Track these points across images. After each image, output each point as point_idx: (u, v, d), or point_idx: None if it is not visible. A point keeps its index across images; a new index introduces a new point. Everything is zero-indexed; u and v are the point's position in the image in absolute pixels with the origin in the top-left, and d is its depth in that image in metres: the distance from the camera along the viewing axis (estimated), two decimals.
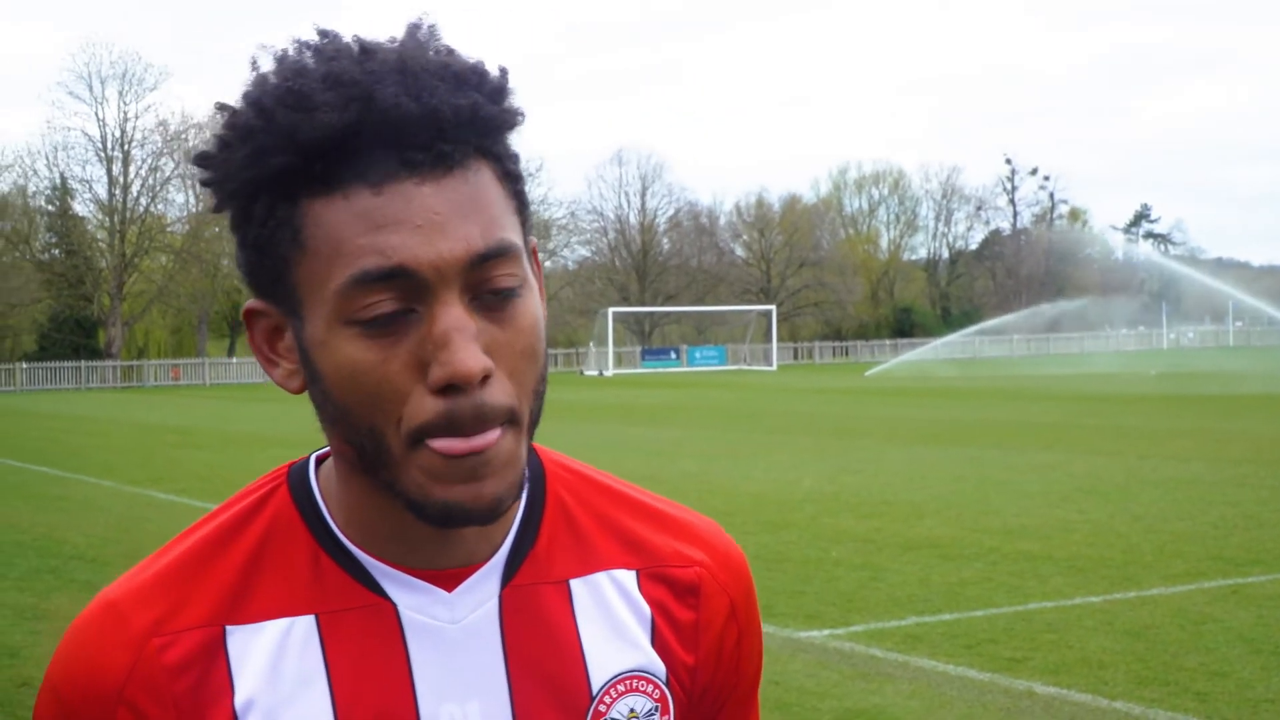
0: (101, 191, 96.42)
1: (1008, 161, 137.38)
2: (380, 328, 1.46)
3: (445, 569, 1.61)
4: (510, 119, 1.54)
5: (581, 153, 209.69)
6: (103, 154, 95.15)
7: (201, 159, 1.53)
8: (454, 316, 1.45)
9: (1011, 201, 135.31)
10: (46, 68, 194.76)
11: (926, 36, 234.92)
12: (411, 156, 1.45)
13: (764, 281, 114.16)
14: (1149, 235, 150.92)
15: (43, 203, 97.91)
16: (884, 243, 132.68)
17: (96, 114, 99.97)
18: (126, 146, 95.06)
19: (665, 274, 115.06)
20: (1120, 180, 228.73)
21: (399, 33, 1.55)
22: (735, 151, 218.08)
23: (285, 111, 1.45)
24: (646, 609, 1.71)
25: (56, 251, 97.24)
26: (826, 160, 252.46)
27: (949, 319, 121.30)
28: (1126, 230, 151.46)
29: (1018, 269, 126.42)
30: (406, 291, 1.45)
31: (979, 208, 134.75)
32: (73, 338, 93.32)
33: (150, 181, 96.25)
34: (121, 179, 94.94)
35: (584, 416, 38.61)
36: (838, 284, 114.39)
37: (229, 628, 1.59)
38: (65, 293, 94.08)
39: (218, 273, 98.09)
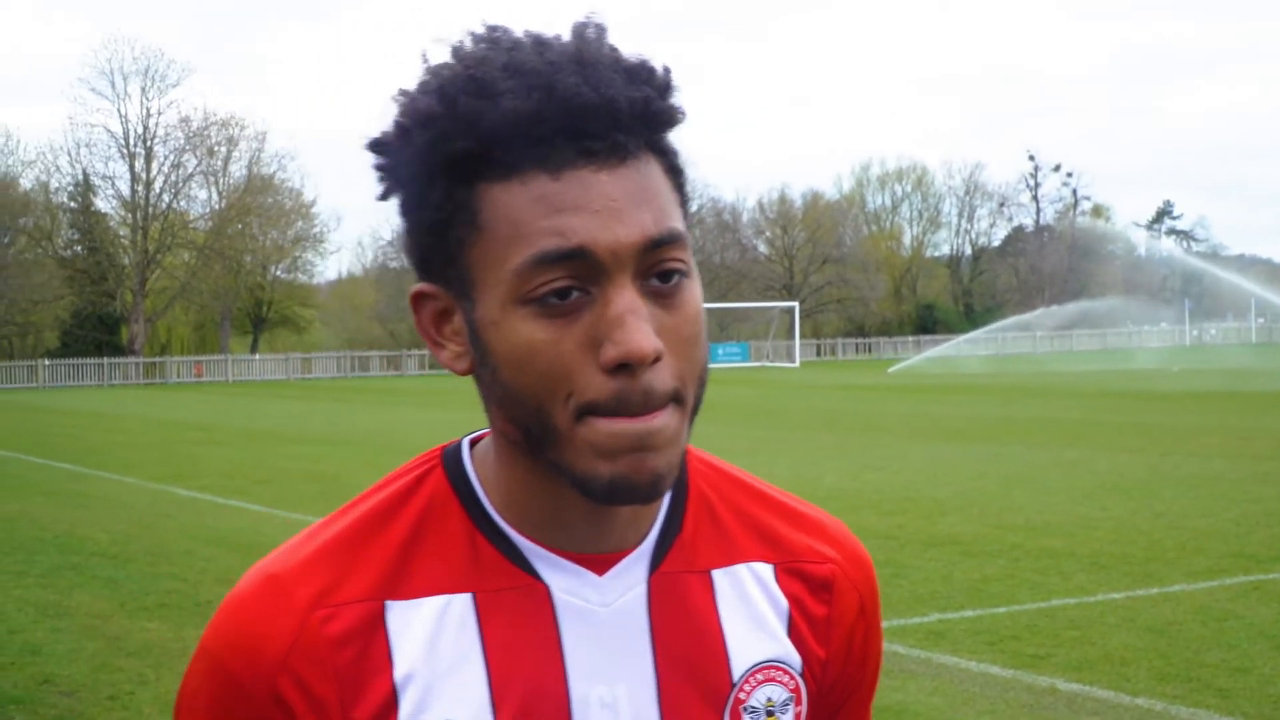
0: (124, 188, 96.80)
1: (1031, 158, 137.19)
2: (555, 307, 1.51)
3: (596, 554, 1.66)
4: (676, 115, 1.60)
5: None
6: (125, 150, 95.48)
7: (377, 145, 1.61)
8: (628, 299, 1.50)
9: (1035, 198, 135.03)
10: (69, 64, 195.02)
11: (951, 31, 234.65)
12: (589, 145, 1.51)
13: (787, 278, 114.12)
14: (1171, 232, 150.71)
15: (65, 199, 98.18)
16: (907, 239, 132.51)
17: (119, 110, 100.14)
18: (149, 143, 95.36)
19: None
20: (1143, 177, 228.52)
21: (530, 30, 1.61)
22: (759, 148, 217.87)
23: (468, 99, 1.52)
24: (784, 602, 1.77)
25: (79, 248, 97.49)
26: (849, 157, 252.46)
27: (972, 315, 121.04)
28: (1149, 227, 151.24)
29: (1041, 265, 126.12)
30: (582, 273, 1.51)
31: (1002, 204, 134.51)
32: (95, 334, 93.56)
33: (173, 178, 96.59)
34: (144, 175, 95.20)
35: None
36: (861, 280, 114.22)
37: (389, 603, 1.63)
38: (88, 289, 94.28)
39: (240, 269, 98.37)
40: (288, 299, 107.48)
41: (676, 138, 1.63)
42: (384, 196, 1.64)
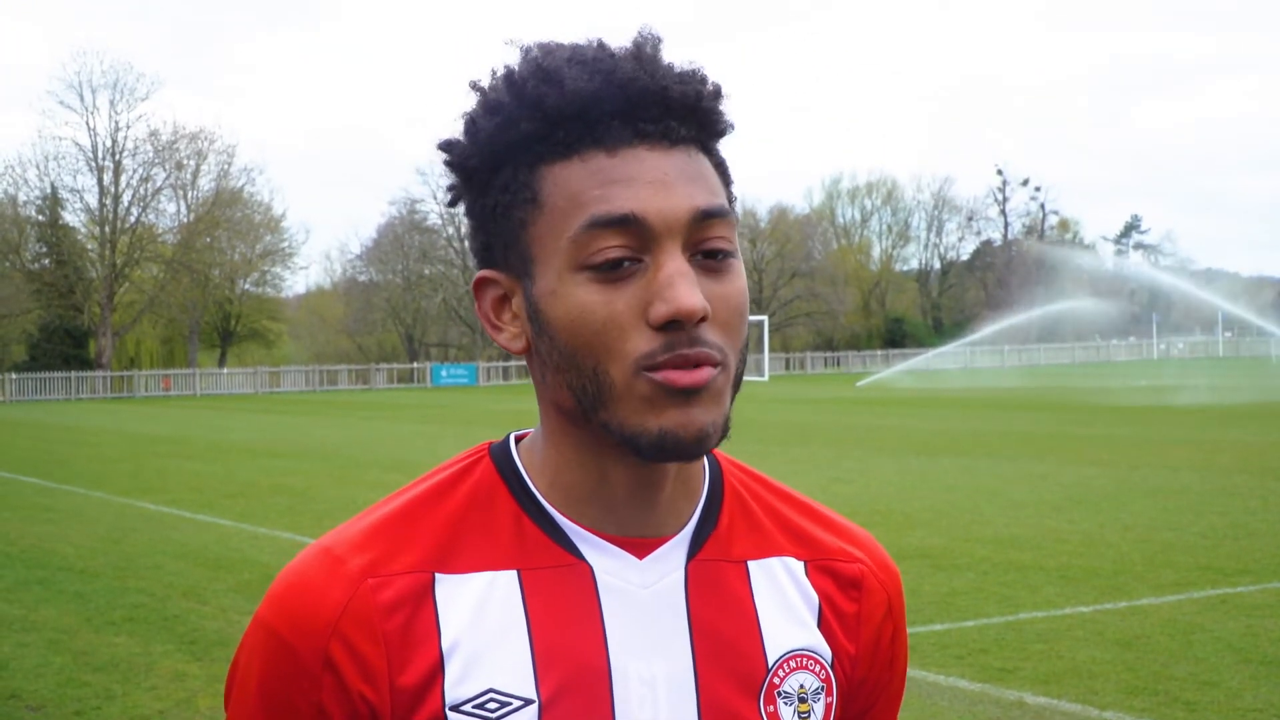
0: (92, 201, 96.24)
1: (999, 172, 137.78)
2: (609, 272, 1.60)
3: (637, 538, 1.74)
4: (723, 118, 1.74)
5: None
6: (94, 164, 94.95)
7: (446, 145, 1.73)
8: (678, 263, 1.60)
9: (1003, 212, 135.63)
10: (37, 76, 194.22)
11: (921, 46, 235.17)
12: (643, 128, 1.64)
13: (756, 292, 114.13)
14: (1139, 246, 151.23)
15: (33, 212, 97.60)
16: (876, 253, 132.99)
17: (88, 123, 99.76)
18: (118, 156, 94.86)
19: None
20: (1112, 190, 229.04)
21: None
22: (729, 162, 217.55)
23: (535, 84, 1.65)
24: (815, 596, 1.84)
25: (46, 261, 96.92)
26: (819, 171, 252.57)
27: (940, 329, 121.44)
28: (1117, 241, 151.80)
29: (1008, 279, 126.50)
30: (635, 240, 1.60)
31: (970, 218, 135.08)
32: (63, 348, 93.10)
33: (141, 191, 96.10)
34: (113, 189, 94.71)
35: None
36: (830, 294, 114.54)
37: (438, 575, 1.70)
38: (55, 303, 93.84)
39: (209, 283, 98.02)
40: (256, 313, 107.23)
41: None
42: (453, 202, 1.76)
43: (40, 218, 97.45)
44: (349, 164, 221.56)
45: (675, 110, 1.66)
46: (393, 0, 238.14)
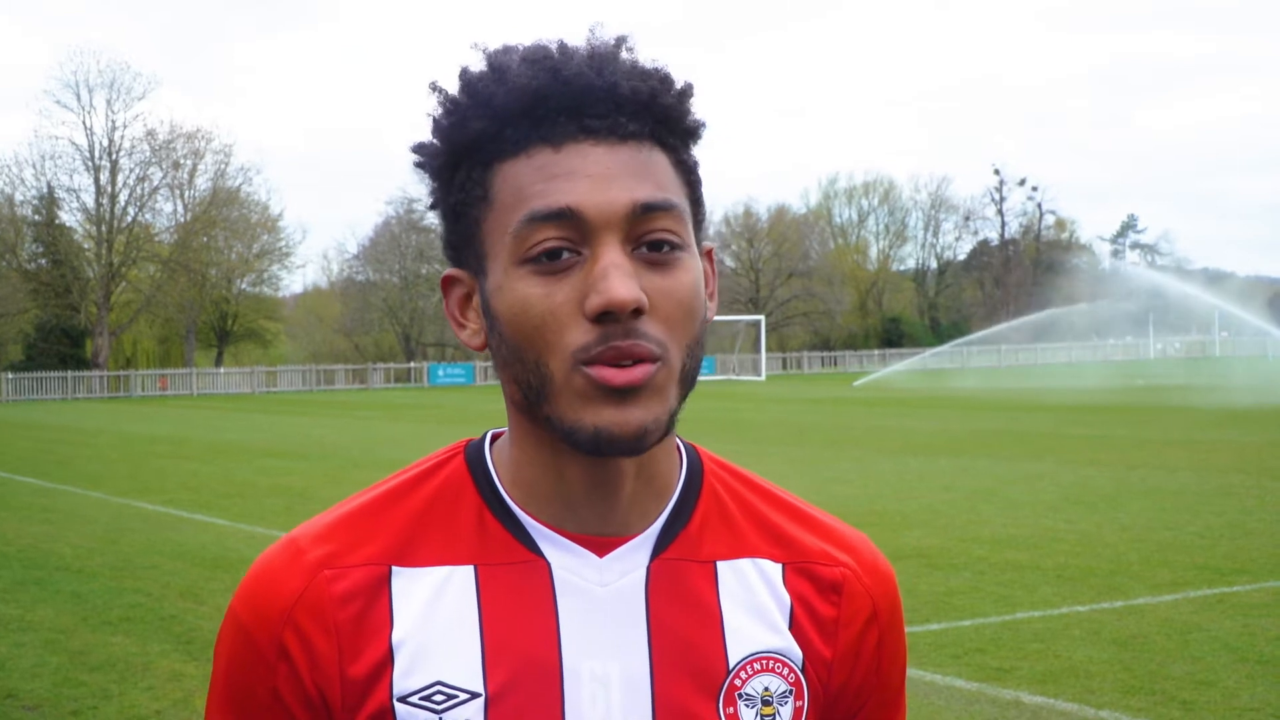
0: (89, 201, 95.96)
1: (996, 172, 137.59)
2: (548, 266, 1.61)
3: (600, 536, 1.73)
4: (686, 115, 1.72)
5: None
6: (90, 163, 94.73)
7: (416, 147, 1.76)
8: (614, 256, 1.60)
9: (1000, 212, 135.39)
10: (34, 75, 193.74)
11: (918, 47, 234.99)
12: (590, 124, 1.64)
13: (753, 292, 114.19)
14: (1136, 246, 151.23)
15: (29, 212, 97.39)
16: (873, 253, 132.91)
17: (84, 123, 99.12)
18: (114, 156, 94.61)
19: None
20: (1109, 191, 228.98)
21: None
22: (726, 162, 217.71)
23: (486, 83, 1.67)
24: (787, 598, 1.81)
25: (43, 261, 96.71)
26: (817, 171, 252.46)
27: (937, 329, 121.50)
28: (1113, 241, 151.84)
29: (1005, 279, 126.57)
30: (574, 233, 1.61)
31: (967, 218, 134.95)
32: (59, 348, 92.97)
33: (138, 191, 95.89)
34: (109, 188, 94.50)
35: None
36: (826, 294, 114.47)
37: (395, 568, 1.73)
38: (52, 302, 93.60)
39: (205, 282, 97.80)
40: (253, 312, 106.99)
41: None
42: (433, 205, 1.77)
43: (36, 217, 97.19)
44: (346, 164, 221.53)
45: (625, 106, 1.65)
46: (392, 1, 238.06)
